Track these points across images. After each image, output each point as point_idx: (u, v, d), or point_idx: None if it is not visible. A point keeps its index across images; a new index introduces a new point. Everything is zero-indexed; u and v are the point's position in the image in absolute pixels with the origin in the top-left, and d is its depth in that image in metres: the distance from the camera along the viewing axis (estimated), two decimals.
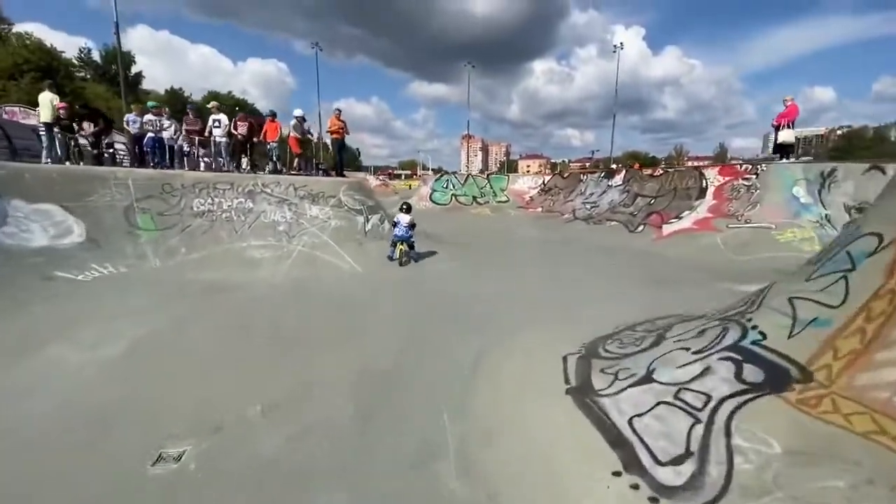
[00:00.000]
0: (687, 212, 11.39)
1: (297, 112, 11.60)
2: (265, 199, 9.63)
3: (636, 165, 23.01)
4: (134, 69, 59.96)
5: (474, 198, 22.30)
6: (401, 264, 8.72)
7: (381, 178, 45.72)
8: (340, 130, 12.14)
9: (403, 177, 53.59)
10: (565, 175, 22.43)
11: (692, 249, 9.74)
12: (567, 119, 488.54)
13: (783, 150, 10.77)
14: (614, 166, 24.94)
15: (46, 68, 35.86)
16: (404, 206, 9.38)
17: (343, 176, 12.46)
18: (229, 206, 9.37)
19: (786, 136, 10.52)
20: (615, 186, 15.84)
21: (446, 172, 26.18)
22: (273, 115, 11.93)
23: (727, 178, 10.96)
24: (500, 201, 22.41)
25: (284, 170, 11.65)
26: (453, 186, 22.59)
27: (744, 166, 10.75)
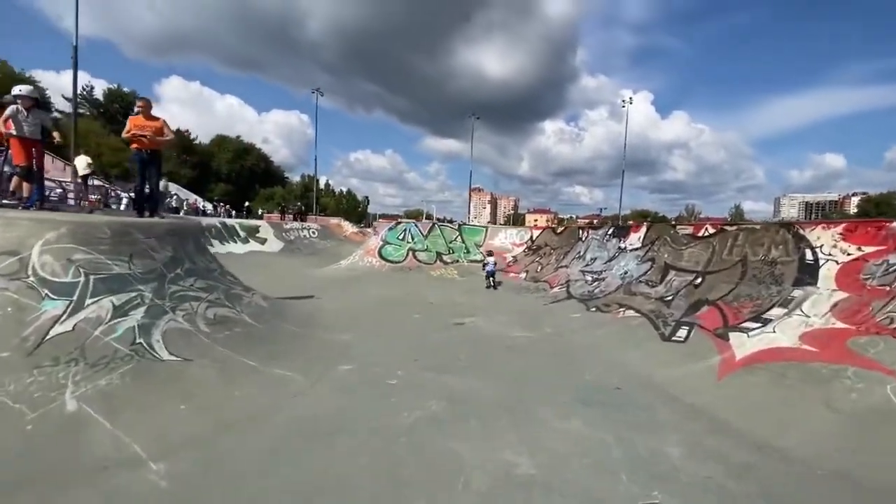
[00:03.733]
0: (777, 309, 5.65)
1: (18, 89, 6.32)
2: None
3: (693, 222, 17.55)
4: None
5: (439, 254, 16.82)
6: (488, 287, 12.77)
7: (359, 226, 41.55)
8: (155, 139, 6.92)
9: None
10: (559, 230, 16.97)
11: (831, 429, 3.85)
12: (576, 177, 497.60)
13: None
14: (630, 222, 19.49)
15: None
16: (490, 252, 14.62)
17: (150, 214, 7.14)
18: None
19: None
20: (631, 250, 10.20)
21: (400, 220, 21.15)
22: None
23: (870, 249, 5.27)
24: (472, 260, 16.88)
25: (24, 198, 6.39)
26: (413, 239, 17.20)
27: None
